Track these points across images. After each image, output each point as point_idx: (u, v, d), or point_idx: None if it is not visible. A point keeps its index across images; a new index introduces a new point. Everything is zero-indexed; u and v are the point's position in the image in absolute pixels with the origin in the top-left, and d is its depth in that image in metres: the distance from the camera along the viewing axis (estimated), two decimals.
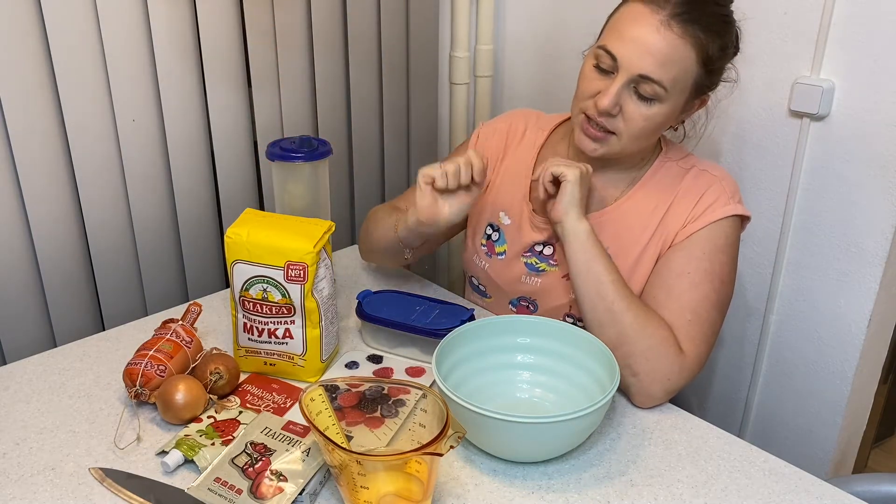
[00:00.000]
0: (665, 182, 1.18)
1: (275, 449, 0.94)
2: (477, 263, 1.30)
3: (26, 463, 0.96)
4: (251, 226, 1.07)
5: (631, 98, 1.08)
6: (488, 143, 1.31)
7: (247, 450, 0.94)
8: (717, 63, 1.10)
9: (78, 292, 1.38)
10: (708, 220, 1.13)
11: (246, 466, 0.92)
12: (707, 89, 1.14)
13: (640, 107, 1.08)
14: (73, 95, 1.27)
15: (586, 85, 1.11)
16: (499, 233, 1.27)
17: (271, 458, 0.92)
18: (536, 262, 1.23)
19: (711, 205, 1.14)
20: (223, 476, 0.91)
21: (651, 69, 1.05)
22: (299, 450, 0.93)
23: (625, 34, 1.06)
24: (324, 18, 1.54)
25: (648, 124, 1.09)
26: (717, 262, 1.13)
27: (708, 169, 1.19)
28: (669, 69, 1.05)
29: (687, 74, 1.07)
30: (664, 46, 1.04)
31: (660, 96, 1.07)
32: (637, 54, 1.05)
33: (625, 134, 1.11)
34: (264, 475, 0.90)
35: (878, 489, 1.10)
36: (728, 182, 1.17)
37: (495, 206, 1.28)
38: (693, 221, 1.14)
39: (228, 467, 0.92)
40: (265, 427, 0.98)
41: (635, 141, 1.12)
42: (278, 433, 0.97)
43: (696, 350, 1.09)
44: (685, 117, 1.18)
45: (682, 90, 1.09)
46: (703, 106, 1.17)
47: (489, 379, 1.08)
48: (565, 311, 1.22)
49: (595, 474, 0.96)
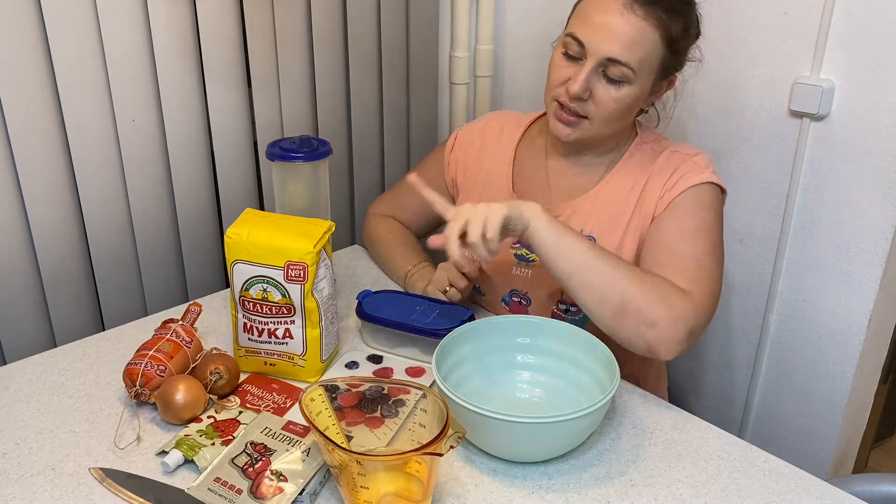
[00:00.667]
0: (640, 163, 1.21)
1: (275, 449, 0.94)
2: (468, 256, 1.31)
3: (26, 463, 0.96)
4: (251, 226, 1.07)
5: (600, 82, 1.11)
6: (464, 146, 1.35)
7: (247, 450, 0.94)
8: (681, 43, 1.13)
9: (78, 292, 1.38)
10: (684, 187, 1.15)
11: (246, 466, 0.92)
12: (673, 70, 1.16)
13: (609, 90, 1.11)
14: (73, 95, 1.27)
15: (556, 73, 1.14)
16: None
17: (271, 458, 0.92)
18: (526, 253, 1.25)
19: (685, 174, 1.16)
20: (223, 476, 0.91)
21: (618, 52, 1.07)
22: (299, 450, 0.93)
23: (590, 20, 1.09)
24: (324, 18, 1.54)
25: (619, 106, 1.12)
26: (706, 220, 1.14)
27: (680, 149, 1.21)
28: (636, 51, 1.08)
29: (652, 55, 1.10)
30: (629, 29, 1.07)
31: (628, 78, 1.09)
32: (603, 38, 1.08)
33: (596, 117, 1.13)
34: (264, 475, 0.90)
35: (878, 489, 1.11)
36: (701, 158, 1.19)
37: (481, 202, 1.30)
38: (669, 191, 1.16)
39: (228, 467, 0.92)
40: (265, 427, 0.98)
41: (607, 124, 1.14)
42: (278, 433, 0.97)
43: (705, 290, 1.09)
44: (655, 99, 1.20)
45: (650, 71, 1.11)
46: (672, 87, 1.20)
47: (489, 379, 1.08)
48: (558, 298, 1.24)
49: (595, 474, 0.96)
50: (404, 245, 1.39)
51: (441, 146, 1.40)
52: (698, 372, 1.64)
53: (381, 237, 1.43)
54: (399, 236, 1.41)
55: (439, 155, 1.39)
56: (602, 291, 1.06)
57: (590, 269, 1.06)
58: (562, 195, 1.24)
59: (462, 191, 1.35)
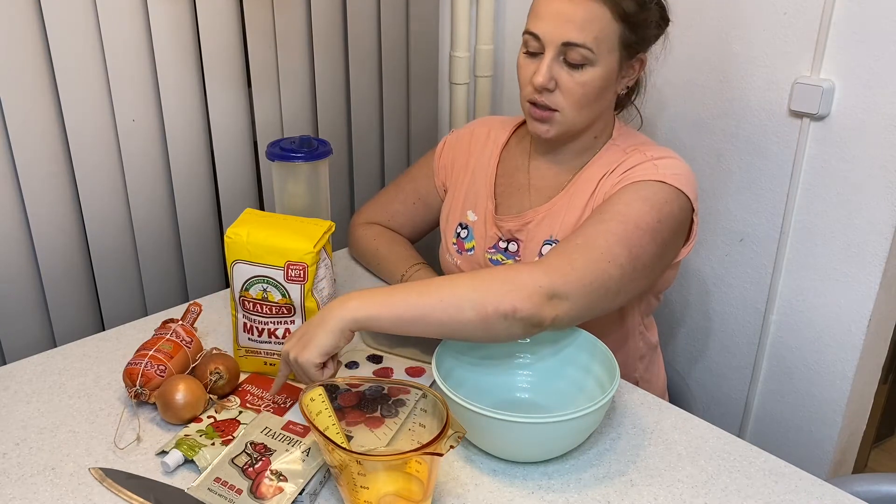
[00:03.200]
0: (606, 163, 1.19)
1: (275, 449, 0.94)
2: (449, 260, 1.33)
3: (26, 463, 0.96)
4: (251, 226, 1.07)
5: (563, 69, 1.11)
6: (452, 151, 1.36)
7: (247, 450, 0.94)
8: (638, 16, 1.11)
9: (78, 292, 1.38)
10: (630, 180, 1.12)
11: (246, 466, 0.92)
12: (637, 47, 1.14)
13: (573, 75, 1.11)
14: (73, 95, 1.27)
15: (523, 73, 1.15)
16: (467, 230, 1.29)
17: (271, 458, 0.92)
18: (502, 259, 1.25)
19: (633, 168, 1.13)
20: (223, 476, 0.91)
21: (572, 34, 1.08)
22: (299, 450, 0.93)
23: (541, 12, 1.11)
24: (324, 18, 1.54)
25: (586, 90, 1.12)
26: (635, 209, 1.07)
27: (648, 151, 1.16)
28: (589, 30, 1.08)
29: (607, 32, 1.09)
30: (578, 10, 1.08)
31: (589, 59, 1.10)
32: (555, 25, 1.09)
33: (566, 107, 1.13)
34: (264, 475, 0.90)
35: (878, 489, 1.11)
36: (666, 161, 1.13)
37: (465, 206, 1.31)
38: (619, 185, 1.13)
39: (228, 467, 0.92)
40: (265, 427, 0.98)
41: (579, 111, 1.13)
42: (278, 433, 0.97)
43: (571, 268, 1.00)
44: (628, 82, 1.18)
45: (610, 49, 1.11)
46: (643, 68, 1.18)
47: (489, 379, 1.08)
48: None
49: (595, 474, 0.96)
50: (392, 249, 1.37)
51: (430, 153, 1.40)
52: (698, 372, 1.64)
53: (367, 245, 1.40)
54: (386, 241, 1.39)
55: (429, 161, 1.39)
56: (457, 317, 0.97)
57: (432, 307, 0.98)
58: (540, 197, 1.23)
59: (448, 194, 1.35)
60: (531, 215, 1.22)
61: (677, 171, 1.12)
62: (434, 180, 1.38)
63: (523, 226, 1.22)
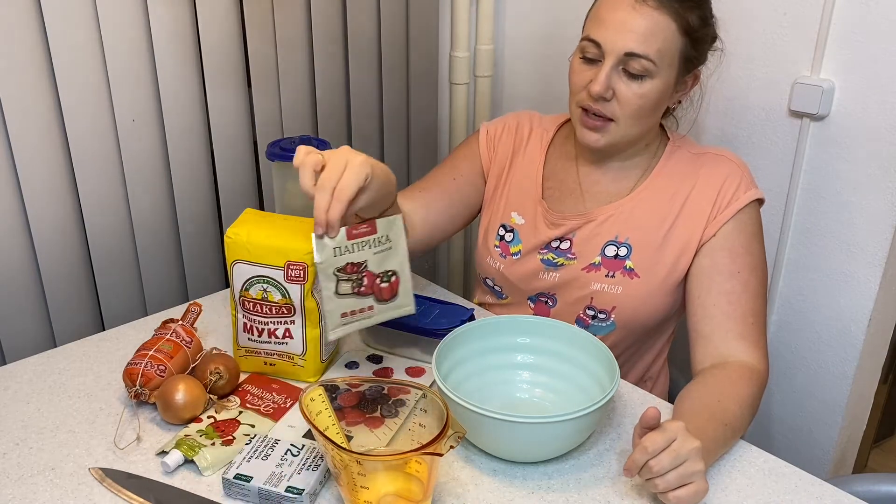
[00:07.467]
0: (679, 169, 1.20)
1: (363, 260, 0.96)
2: (491, 265, 1.30)
3: (26, 463, 0.96)
4: (251, 226, 1.07)
5: (621, 79, 1.10)
6: (501, 140, 1.32)
7: (341, 278, 0.96)
8: (700, 32, 1.12)
9: (78, 292, 1.38)
10: (734, 210, 1.15)
11: (356, 290, 0.96)
12: (696, 62, 1.14)
13: (631, 86, 1.10)
14: (73, 95, 1.27)
15: (577, 78, 1.13)
16: (513, 233, 1.27)
17: (367, 268, 0.96)
18: (553, 258, 1.23)
19: (734, 193, 1.16)
20: (347, 309, 0.96)
21: (635, 45, 1.07)
22: (370, 248, 0.97)
23: (604, 19, 1.09)
24: (324, 18, 1.54)
25: (644, 102, 1.11)
26: (755, 252, 1.16)
27: (723, 153, 1.20)
28: (652, 42, 1.07)
29: (671, 45, 1.09)
30: (643, 21, 1.07)
31: (649, 71, 1.09)
32: (619, 34, 1.07)
33: (622, 117, 1.12)
34: (376, 282, 0.95)
35: (878, 489, 1.10)
36: (741, 164, 1.19)
37: (507, 207, 1.28)
38: (721, 212, 1.15)
39: (340, 301, 0.96)
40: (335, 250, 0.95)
41: (634, 123, 1.13)
42: (347, 246, 0.95)
43: (763, 350, 1.12)
44: (681, 96, 1.18)
45: (671, 63, 1.10)
46: (697, 82, 1.18)
47: (489, 379, 1.08)
48: (586, 303, 1.22)
49: (595, 474, 0.96)
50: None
51: (465, 144, 1.35)
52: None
53: None
54: None
55: (472, 145, 1.33)
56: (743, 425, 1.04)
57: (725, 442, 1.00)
58: (596, 201, 1.22)
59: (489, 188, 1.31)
60: (593, 214, 1.21)
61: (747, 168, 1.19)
62: (480, 163, 1.31)
63: (583, 224, 1.21)
